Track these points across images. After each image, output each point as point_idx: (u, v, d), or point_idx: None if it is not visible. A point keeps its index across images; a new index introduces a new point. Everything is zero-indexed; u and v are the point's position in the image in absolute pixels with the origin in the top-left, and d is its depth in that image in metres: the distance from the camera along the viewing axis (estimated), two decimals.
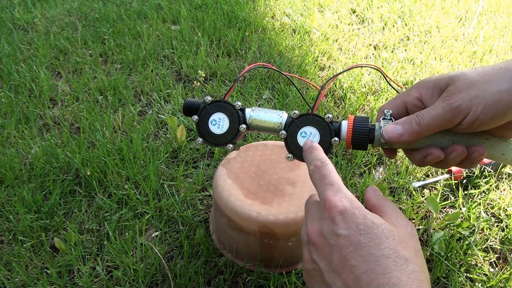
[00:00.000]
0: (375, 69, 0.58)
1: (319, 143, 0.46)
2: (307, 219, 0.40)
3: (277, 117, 0.48)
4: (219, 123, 0.49)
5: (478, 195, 0.89)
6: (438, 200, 0.86)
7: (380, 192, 0.43)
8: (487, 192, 0.90)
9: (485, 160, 0.92)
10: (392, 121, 0.46)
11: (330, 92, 1.17)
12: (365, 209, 0.37)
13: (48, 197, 0.84)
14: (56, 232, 0.78)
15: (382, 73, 0.51)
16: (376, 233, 0.35)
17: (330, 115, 0.46)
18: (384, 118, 0.46)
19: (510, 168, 0.95)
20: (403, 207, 0.85)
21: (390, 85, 0.53)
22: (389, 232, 0.35)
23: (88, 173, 0.87)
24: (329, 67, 1.30)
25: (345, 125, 0.47)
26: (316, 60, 1.31)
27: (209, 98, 0.49)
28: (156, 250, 0.75)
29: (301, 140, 0.47)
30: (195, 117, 0.49)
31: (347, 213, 0.36)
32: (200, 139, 0.50)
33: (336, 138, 0.46)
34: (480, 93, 0.40)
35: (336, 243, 0.35)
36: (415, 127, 0.42)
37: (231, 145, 0.49)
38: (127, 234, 0.77)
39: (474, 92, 0.40)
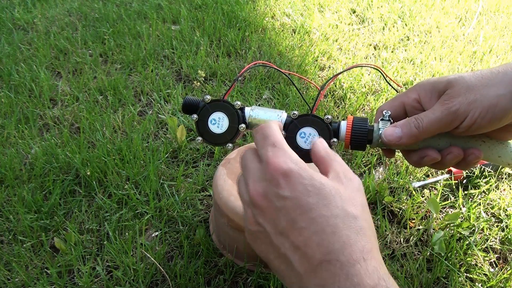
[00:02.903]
0: (375, 69, 0.58)
1: None
2: (248, 178, 0.38)
3: (276, 116, 0.49)
4: (218, 122, 0.49)
5: (478, 195, 0.89)
6: (438, 200, 0.86)
7: (327, 145, 0.42)
8: (487, 192, 0.90)
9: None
10: (391, 122, 0.46)
11: (330, 92, 1.17)
12: (310, 170, 0.36)
13: (48, 197, 0.84)
14: (56, 232, 0.78)
15: (382, 73, 0.51)
16: (324, 194, 0.35)
17: (330, 116, 0.47)
18: (382, 119, 0.47)
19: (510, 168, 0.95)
20: (403, 207, 0.85)
21: (390, 85, 0.53)
22: (336, 192, 0.35)
23: (88, 173, 0.87)
24: (329, 67, 1.30)
25: (344, 126, 0.47)
26: (316, 60, 1.31)
27: (208, 97, 0.49)
28: (149, 255, 0.75)
29: (300, 141, 0.47)
30: (195, 116, 0.49)
31: (293, 175, 0.35)
32: (200, 138, 0.50)
33: (335, 139, 0.47)
34: (478, 98, 0.40)
35: (283, 206, 0.35)
36: (414, 130, 0.43)
37: (230, 145, 0.49)
38: (127, 234, 0.77)
39: (472, 96, 0.40)
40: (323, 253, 0.33)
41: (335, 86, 1.20)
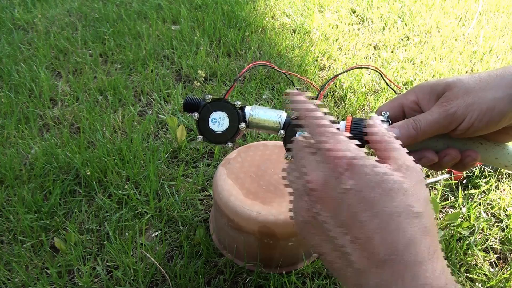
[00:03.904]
0: (374, 70, 0.58)
1: None
2: (304, 167, 0.36)
3: (276, 116, 0.49)
4: (219, 121, 0.50)
5: (478, 195, 0.89)
6: (438, 200, 0.86)
7: (385, 124, 0.39)
8: (487, 192, 0.90)
9: None
10: (389, 123, 0.46)
11: (330, 92, 1.17)
12: (372, 160, 0.34)
13: (48, 197, 0.84)
14: (56, 232, 0.78)
15: (381, 74, 0.51)
16: (388, 187, 0.32)
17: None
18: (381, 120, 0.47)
19: None
20: None
21: (389, 86, 0.53)
22: (400, 186, 0.33)
23: (88, 173, 0.87)
24: (329, 67, 1.30)
25: (342, 126, 0.47)
26: (316, 60, 1.31)
27: (209, 97, 0.50)
28: (149, 255, 0.75)
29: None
30: (196, 115, 0.50)
31: (354, 165, 0.33)
32: (200, 137, 0.50)
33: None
34: (475, 100, 0.41)
35: (344, 198, 0.33)
36: (411, 131, 0.43)
37: (230, 143, 0.50)
38: (127, 234, 0.77)
39: (469, 99, 0.41)
40: (386, 251, 0.31)
41: (335, 86, 1.20)
